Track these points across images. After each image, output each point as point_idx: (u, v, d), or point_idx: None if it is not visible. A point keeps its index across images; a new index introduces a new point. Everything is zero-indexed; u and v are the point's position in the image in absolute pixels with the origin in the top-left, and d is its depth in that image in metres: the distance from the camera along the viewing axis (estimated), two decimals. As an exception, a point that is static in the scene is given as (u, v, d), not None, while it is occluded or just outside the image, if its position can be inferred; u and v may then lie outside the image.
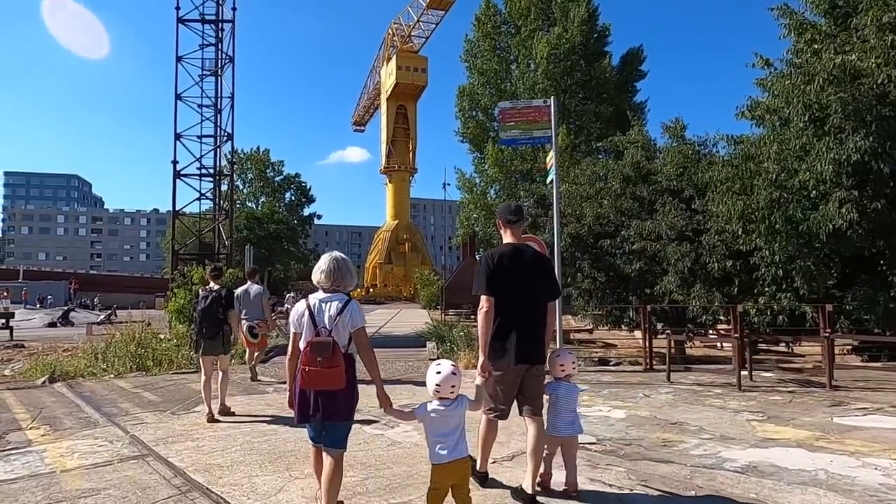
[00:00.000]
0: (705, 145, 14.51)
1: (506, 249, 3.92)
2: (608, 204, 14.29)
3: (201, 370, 6.62)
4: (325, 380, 3.19)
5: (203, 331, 6.47)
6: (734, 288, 12.19)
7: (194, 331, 6.58)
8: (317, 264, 3.53)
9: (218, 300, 6.52)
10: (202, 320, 6.48)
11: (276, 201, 63.33)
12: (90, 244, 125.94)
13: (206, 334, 6.45)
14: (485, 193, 39.25)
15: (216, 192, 19.39)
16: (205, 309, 6.48)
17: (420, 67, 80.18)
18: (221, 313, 6.51)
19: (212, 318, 6.44)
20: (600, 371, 10.11)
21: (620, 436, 5.45)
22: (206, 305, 6.49)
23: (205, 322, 6.45)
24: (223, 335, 6.52)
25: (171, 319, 13.24)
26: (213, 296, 6.55)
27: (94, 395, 7.91)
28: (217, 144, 18.94)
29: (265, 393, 7.98)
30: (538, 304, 3.85)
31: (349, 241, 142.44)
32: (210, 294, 6.60)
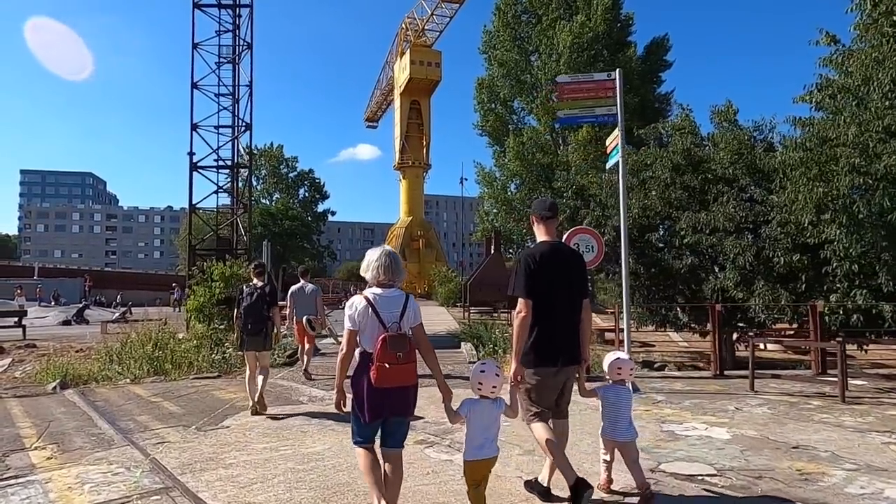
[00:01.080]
0: (760, 130, 13.46)
1: (545, 248, 3.77)
2: (656, 195, 13.26)
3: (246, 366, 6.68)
4: (404, 375, 3.15)
5: (248, 327, 6.45)
6: (801, 284, 11.14)
7: (239, 327, 6.59)
8: (367, 260, 3.39)
9: (262, 297, 6.50)
10: (247, 317, 6.45)
11: (289, 198, 62.77)
12: (105, 241, 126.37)
13: (250, 330, 6.45)
14: (505, 188, 38.28)
15: (234, 185, 18.58)
16: (250, 306, 6.45)
17: (434, 62, 79.17)
18: (266, 310, 6.49)
19: (256, 314, 6.45)
20: (664, 377, 9.15)
21: (741, 464, 4.48)
22: (252, 302, 6.45)
23: (249, 318, 6.45)
24: (266, 332, 6.52)
25: (189, 318, 12.39)
26: (258, 293, 6.52)
27: (108, 406, 7.06)
28: (235, 135, 18.14)
29: (299, 403, 7.09)
30: (576, 303, 3.75)
31: (361, 237, 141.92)
32: (255, 291, 6.54)
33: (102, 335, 18.24)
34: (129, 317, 26.92)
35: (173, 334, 12.71)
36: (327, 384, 8.40)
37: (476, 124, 40.17)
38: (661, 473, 4.30)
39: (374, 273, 3.33)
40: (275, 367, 10.03)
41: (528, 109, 39.06)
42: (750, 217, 11.85)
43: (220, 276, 11.94)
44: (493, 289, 24.45)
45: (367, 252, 3.51)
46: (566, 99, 7.90)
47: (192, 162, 17.41)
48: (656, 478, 4.19)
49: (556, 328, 3.62)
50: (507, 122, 39.96)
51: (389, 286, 3.33)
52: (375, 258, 3.37)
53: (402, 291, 3.39)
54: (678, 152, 13.19)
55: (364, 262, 3.43)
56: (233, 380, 8.95)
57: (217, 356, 10.36)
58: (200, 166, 17.69)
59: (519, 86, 37.70)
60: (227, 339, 11.59)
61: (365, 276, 3.41)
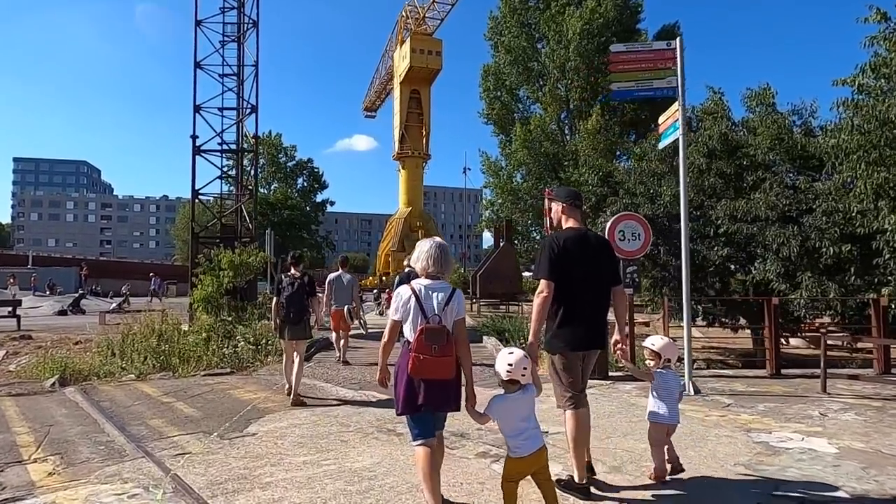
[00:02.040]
0: (800, 114, 12.76)
1: (571, 234, 3.81)
2: (689, 182, 12.52)
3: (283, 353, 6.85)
4: (438, 369, 3.12)
5: (290, 316, 6.57)
6: (850, 276, 10.48)
7: (279, 316, 6.67)
8: (418, 250, 3.41)
9: (303, 286, 6.67)
10: (288, 305, 6.57)
11: (288, 187, 61.85)
12: (100, 231, 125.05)
13: (291, 319, 6.58)
14: (511, 178, 37.48)
15: (238, 171, 17.78)
16: (291, 295, 6.60)
17: (435, 50, 77.64)
18: (306, 299, 6.66)
19: (297, 303, 6.60)
20: (716, 376, 8.47)
21: (874, 487, 3.80)
22: (293, 292, 6.61)
23: (291, 307, 6.57)
24: (306, 321, 6.69)
25: (196, 309, 11.62)
26: (298, 282, 6.68)
27: (115, 406, 6.33)
28: (240, 118, 17.33)
29: (329, 405, 6.36)
30: (604, 290, 3.81)
31: (359, 228, 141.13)
32: (294, 280, 6.69)
33: (101, 326, 17.50)
34: (126, 307, 26.15)
35: (177, 326, 11.98)
36: (353, 382, 7.69)
37: (481, 112, 39.31)
38: (787, 500, 3.60)
39: (424, 264, 3.33)
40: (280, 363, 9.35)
41: (534, 98, 38.23)
42: (793, 205, 11.17)
43: (229, 264, 11.19)
44: (504, 281, 23.81)
45: (418, 243, 3.50)
46: (620, 70, 7.16)
47: (195, 145, 16.59)
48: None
49: (580, 313, 3.67)
50: (512, 110, 39.12)
51: (437, 278, 3.32)
52: (426, 249, 3.36)
53: (449, 284, 3.35)
54: (714, 137, 12.46)
55: (414, 253, 3.45)
56: (248, 377, 8.23)
57: (228, 350, 9.63)
58: (204, 150, 16.88)
59: (526, 73, 36.84)
60: (236, 332, 10.87)
61: (414, 268, 3.44)
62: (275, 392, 6.97)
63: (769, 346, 8.51)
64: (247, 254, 11.62)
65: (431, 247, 3.37)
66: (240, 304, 11.63)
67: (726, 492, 3.77)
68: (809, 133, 12.42)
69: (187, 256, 65.80)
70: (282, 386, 7.01)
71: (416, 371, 3.10)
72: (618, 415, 5.83)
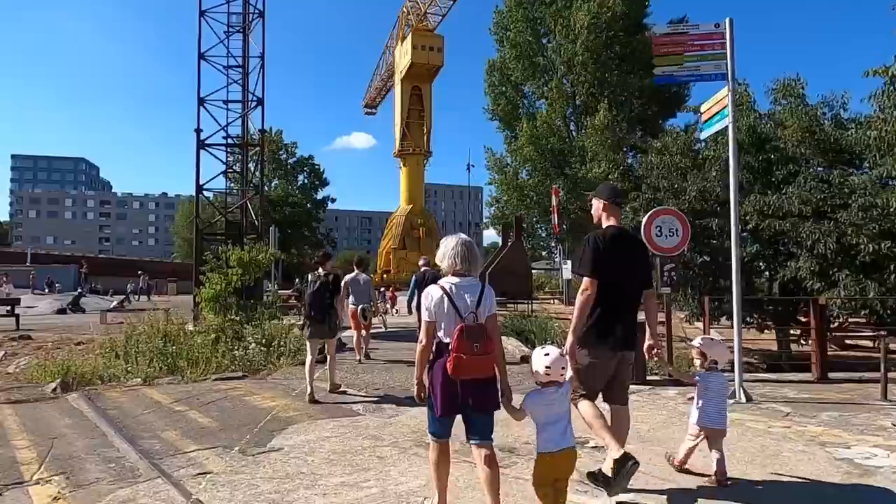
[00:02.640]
0: (830, 106, 12.26)
1: (614, 232, 3.80)
2: (716, 176, 12.07)
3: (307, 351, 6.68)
4: (481, 367, 3.07)
5: (312, 314, 6.59)
6: (890, 275, 10.01)
7: (305, 314, 6.80)
8: (443, 248, 3.32)
9: (326, 285, 6.66)
10: (312, 304, 6.60)
11: (288, 184, 61.33)
12: (98, 228, 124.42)
13: (316, 317, 6.57)
14: (517, 174, 37.00)
15: (244, 165, 17.27)
16: (314, 293, 6.60)
17: (436, 47, 77.39)
18: (329, 297, 6.64)
19: (321, 302, 6.60)
20: (761, 381, 7.97)
21: None
22: (316, 290, 6.61)
23: (314, 306, 6.59)
24: (331, 319, 6.67)
25: (203, 308, 11.13)
26: (321, 281, 6.69)
27: (123, 416, 5.84)
28: (245, 110, 16.80)
29: (354, 414, 5.87)
30: (638, 291, 3.79)
31: (359, 226, 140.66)
32: (319, 279, 6.71)
33: (103, 325, 17.00)
34: (128, 305, 25.65)
35: (182, 326, 11.50)
36: (375, 388, 7.20)
37: (486, 108, 38.82)
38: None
39: (451, 262, 3.25)
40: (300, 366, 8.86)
41: (538, 94, 37.72)
42: (828, 200, 10.70)
43: (238, 261, 10.69)
44: (515, 278, 23.31)
45: (442, 240, 3.41)
46: (664, 53, 6.66)
47: (199, 139, 16.08)
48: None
49: (617, 313, 3.65)
50: (517, 106, 38.63)
51: (465, 275, 3.24)
52: (452, 246, 3.28)
53: (478, 281, 3.29)
54: (742, 129, 11.97)
55: (440, 250, 3.35)
56: (262, 382, 7.73)
57: (238, 352, 9.13)
58: (208, 144, 16.36)
59: (532, 68, 36.34)
60: (246, 333, 10.38)
61: (440, 266, 3.34)
62: (294, 398, 6.49)
63: (815, 349, 8.03)
64: (256, 251, 11.12)
65: (458, 243, 3.28)
66: (249, 304, 11.14)
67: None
68: (841, 125, 11.95)
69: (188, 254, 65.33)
70: (302, 391, 6.54)
71: (457, 371, 3.00)
72: (673, 425, 5.35)
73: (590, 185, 33.73)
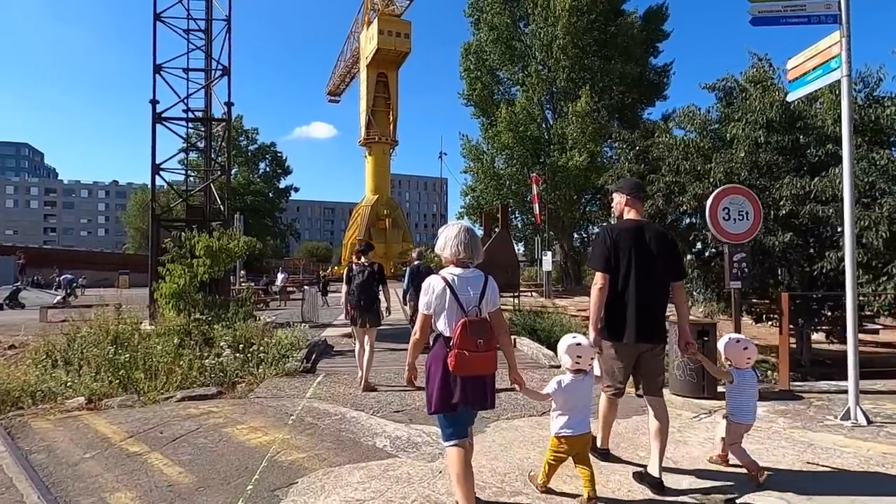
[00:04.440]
0: (865, 82, 11.24)
1: (627, 225, 3.81)
2: (744, 158, 10.91)
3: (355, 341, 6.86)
4: (484, 364, 2.98)
5: (361, 304, 6.65)
6: (949, 268, 9.03)
7: (351, 304, 6.74)
8: (444, 236, 3.16)
9: (372, 274, 6.71)
10: (359, 294, 6.65)
11: (250, 172, 58.73)
12: (43, 217, 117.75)
13: (363, 307, 6.65)
14: (493, 162, 35.64)
15: (208, 143, 15.35)
16: (362, 283, 6.66)
17: (403, 32, 75.69)
18: (376, 287, 6.72)
19: (368, 292, 6.67)
20: (841, 391, 6.75)
21: None
22: (364, 280, 6.66)
23: (363, 296, 6.65)
24: (377, 308, 6.75)
25: (164, 306, 9.32)
26: (368, 270, 6.72)
27: (54, 463, 4.16)
28: (209, 80, 14.87)
29: (387, 455, 4.32)
30: (659, 283, 3.74)
31: (321, 216, 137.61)
32: (364, 269, 6.73)
33: (43, 323, 14.90)
34: (74, 300, 23.23)
35: (136, 325, 9.71)
36: (395, 410, 5.67)
37: (462, 93, 37.29)
38: None
39: (454, 251, 3.09)
40: (286, 377, 7.26)
41: (514, 80, 36.45)
42: (877, 184, 9.67)
43: (206, 251, 8.95)
44: (502, 271, 21.89)
45: (442, 229, 3.26)
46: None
47: (155, 112, 14.10)
48: None
49: (631, 304, 3.64)
50: (493, 91, 37.29)
51: (468, 266, 3.12)
52: (454, 235, 3.13)
53: (481, 272, 3.17)
54: (775, 105, 10.83)
55: (440, 239, 3.18)
56: (244, 401, 6.07)
57: (210, 360, 7.45)
58: (166, 118, 14.39)
59: (509, 52, 35.01)
60: (216, 335, 8.70)
61: (441, 255, 3.17)
62: (293, 429, 4.91)
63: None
64: (227, 238, 9.38)
65: (460, 231, 3.15)
66: (218, 300, 9.45)
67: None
68: (877, 103, 10.95)
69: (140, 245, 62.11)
70: (299, 418, 4.98)
71: (459, 368, 2.90)
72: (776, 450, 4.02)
73: (569, 173, 32.77)
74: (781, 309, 6.76)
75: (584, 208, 36.11)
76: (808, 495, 3.43)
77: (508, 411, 5.46)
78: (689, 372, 6.13)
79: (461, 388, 2.92)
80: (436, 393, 2.97)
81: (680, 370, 6.21)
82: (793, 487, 3.55)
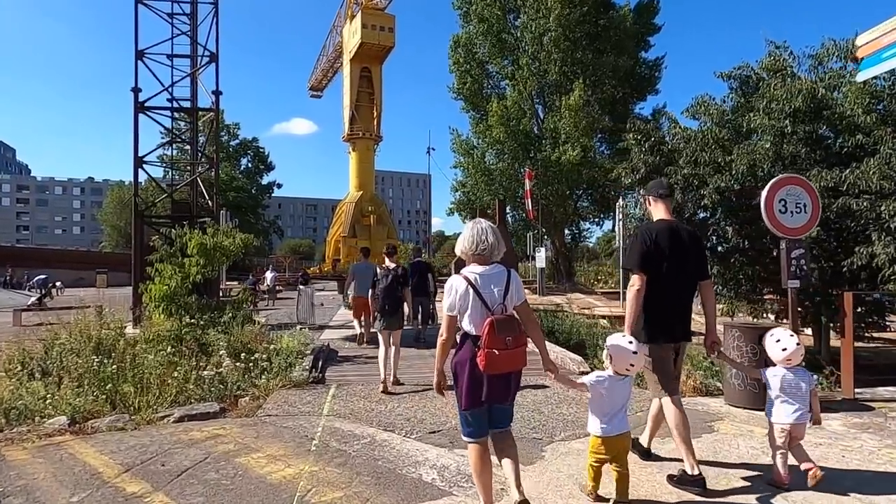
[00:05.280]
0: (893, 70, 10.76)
1: (662, 226, 3.85)
2: (769, 149, 10.37)
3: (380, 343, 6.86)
4: (514, 361, 2.98)
5: (386, 307, 6.78)
6: None
7: (377, 308, 6.80)
8: (469, 235, 3.12)
9: (396, 278, 6.88)
10: (385, 298, 6.79)
11: (231, 167, 57.40)
12: (16, 215, 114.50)
13: (388, 311, 6.79)
14: (484, 157, 34.95)
15: (194, 134, 14.47)
16: (386, 287, 6.81)
17: (387, 27, 74.49)
18: (400, 290, 6.89)
19: (393, 295, 6.83)
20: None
21: None
22: (388, 284, 6.82)
23: (387, 300, 6.79)
24: (402, 311, 6.92)
25: (155, 310, 8.48)
26: (393, 274, 6.89)
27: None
28: (195, 67, 14.00)
29: (441, 493, 3.63)
30: (692, 283, 3.83)
31: (304, 213, 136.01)
32: (389, 273, 6.88)
33: (16, 327, 13.92)
34: (49, 302, 22.12)
35: (121, 330, 8.90)
36: (431, 431, 4.96)
37: (451, 87, 36.52)
38: None
39: (473, 249, 3.09)
40: (295, 389, 6.54)
41: (503, 74, 35.79)
42: (912, 175, 9.18)
43: (200, 249, 8.16)
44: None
45: (465, 227, 3.25)
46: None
47: (137, 100, 13.20)
48: None
49: (670, 305, 3.71)
50: (483, 85, 36.60)
51: (489, 263, 3.09)
52: (477, 233, 3.12)
53: (503, 267, 3.13)
54: (803, 94, 10.29)
55: (461, 238, 3.18)
56: (254, 420, 5.32)
57: (208, 371, 6.68)
58: (149, 107, 13.49)
59: (499, 45, 34.33)
60: (211, 341, 7.93)
61: (463, 255, 3.16)
62: (319, 456, 4.19)
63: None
64: (222, 235, 8.57)
65: (481, 229, 3.14)
66: (213, 303, 8.67)
67: None
68: (903, 91, 10.49)
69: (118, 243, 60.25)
70: (323, 441, 4.27)
71: (490, 367, 2.89)
72: None
73: (562, 169, 32.23)
74: (844, 310, 6.20)
75: (576, 204, 35.63)
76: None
77: (559, 430, 4.82)
78: (750, 381, 5.54)
79: (489, 386, 2.94)
80: (465, 391, 3.00)
81: (739, 379, 5.62)
82: None
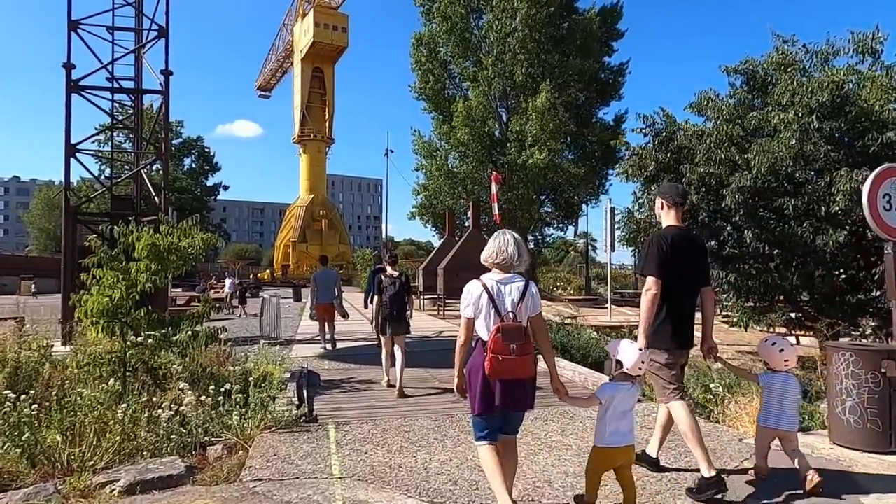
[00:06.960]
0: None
1: (676, 233, 3.90)
2: (793, 147, 9.54)
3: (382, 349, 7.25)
4: (519, 368, 3.03)
5: (393, 314, 6.97)
6: None
7: (382, 315, 6.98)
8: (492, 244, 3.29)
9: (402, 286, 7.08)
10: (391, 305, 6.97)
11: (174, 167, 54.15)
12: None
13: (395, 317, 6.98)
14: (447, 159, 33.74)
15: (138, 119, 12.59)
16: (394, 294, 6.99)
17: (340, 26, 73.02)
18: (406, 297, 7.13)
19: (400, 302, 7.03)
20: None
21: None
22: (396, 291, 7.00)
23: (395, 306, 6.99)
24: (406, 317, 7.11)
25: (86, 326, 6.69)
26: (399, 282, 7.08)
27: None
28: (140, 43, 12.16)
29: None
30: (696, 289, 3.90)
31: (250, 217, 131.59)
32: (395, 280, 7.07)
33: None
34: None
35: (46, 350, 7.14)
36: (450, 497, 3.61)
37: (413, 86, 35.18)
38: None
39: (494, 258, 3.23)
40: (283, 433, 5.07)
41: (465, 75, 34.72)
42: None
43: (151, 251, 6.49)
44: (475, 275, 20.12)
45: (491, 237, 3.36)
46: None
47: (70, 78, 11.27)
48: None
49: (682, 311, 3.77)
50: (445, 85, 35.45)
51: (510, 272, 3.21)
52: (500, 243, 3.26)
53: (523, 278, 3.26)
54: (828, 89, 9.51)
55: (486, 247, 3.30)
56: (238, 491, 3.81)
57: (164, 411, 5.06)
58: (83, 86, 11.57)
59: (463, 45, 33.29)
60: (167, 368, 6.32)
61: (486, 263, 3.29)
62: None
63: None
64: (180, 233, 6.92)
65: (504, 240, 3.26)
66: (165, 318, 7.03)
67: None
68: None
69: (46, 247, 55.73)
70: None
71: (494, 372, 2.99)
72: None
73: (528, 172, 31.41)
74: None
75: (541, 208, 34.89)
76: None
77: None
78: (871, 417, 4.44)
79: (501, 392, 3.01)
80: (478, 396, 3.06)
81: (855, 414, 4.50)
82: None
